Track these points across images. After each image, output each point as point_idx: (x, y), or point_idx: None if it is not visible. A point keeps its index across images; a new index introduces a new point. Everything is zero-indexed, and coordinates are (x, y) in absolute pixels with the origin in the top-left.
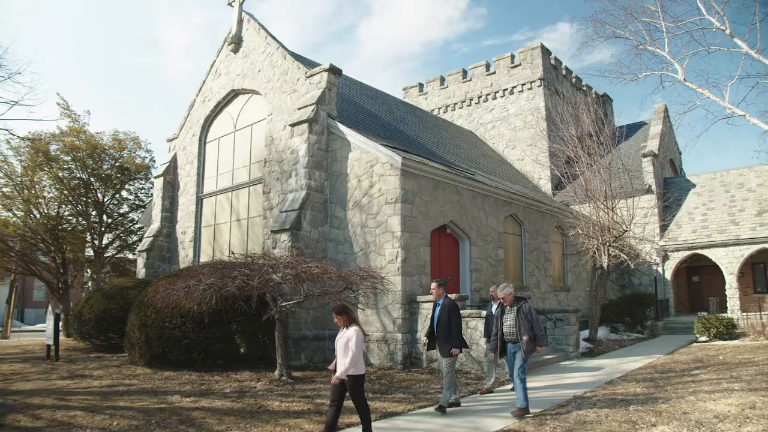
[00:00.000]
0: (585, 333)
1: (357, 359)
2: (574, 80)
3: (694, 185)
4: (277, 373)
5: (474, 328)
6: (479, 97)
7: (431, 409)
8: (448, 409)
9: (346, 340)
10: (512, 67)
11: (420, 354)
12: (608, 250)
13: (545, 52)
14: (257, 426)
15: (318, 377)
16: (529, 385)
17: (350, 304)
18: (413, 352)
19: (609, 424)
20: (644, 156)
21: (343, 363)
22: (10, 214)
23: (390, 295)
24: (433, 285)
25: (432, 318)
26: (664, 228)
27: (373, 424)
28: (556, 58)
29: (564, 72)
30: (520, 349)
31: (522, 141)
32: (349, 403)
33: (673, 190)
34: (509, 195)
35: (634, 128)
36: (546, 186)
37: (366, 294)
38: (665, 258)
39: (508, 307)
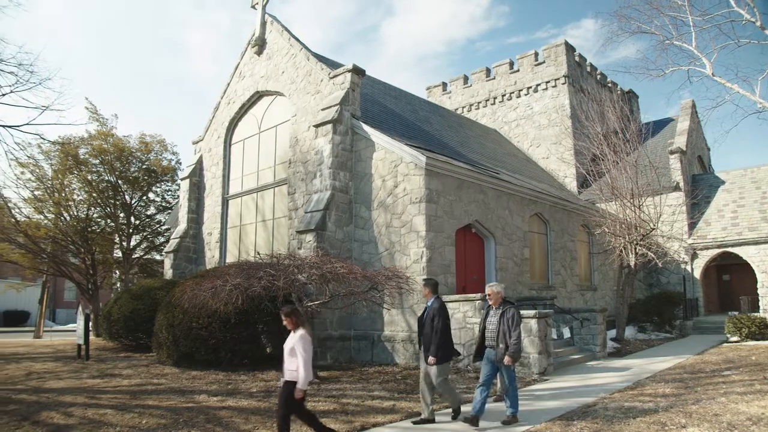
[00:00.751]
0: (612, 333)
1: (303, 365)
2: (598, 77)
3: (723, 182)
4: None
5: None
6: (503, 96)
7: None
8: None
9: (292, 345)
10: (536, 65)
11: None
12: (635, 249)
13: (569, 49)
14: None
15: (344, 377)
16: (555, 385)
17: (297, 309)
18: None
19: (637, 425)
20: (671, 153)
21: (289, 369)
22: (42, 217)
23: (415, 295)
24: (421, 285)
25: (419, 321)
26: (692, 226)
27: (397, 424)
28: (580, 55)
29: (588, 69)
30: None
31: (547, 139)
32: (374, 403)
33: (701, 187)
34: (534, 193)
35: (660, 125)
36: (571, 184)
37: (391, 294)
38: (694, 256)
39: (493, 309)
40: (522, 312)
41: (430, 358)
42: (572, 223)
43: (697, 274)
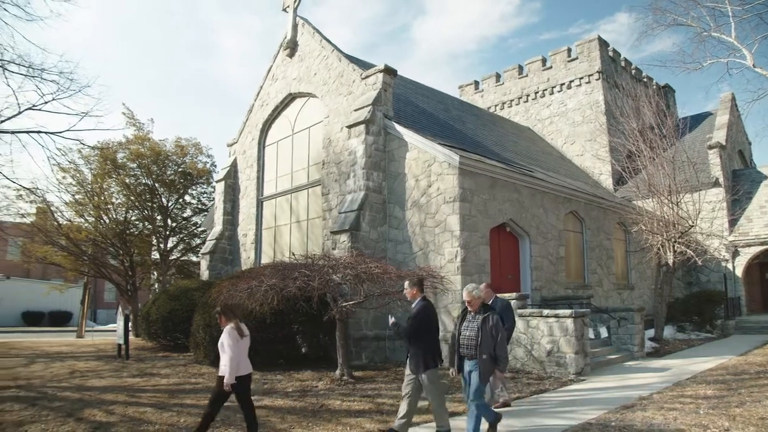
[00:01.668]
0: (650, 332)
1: (228, 360)
2: (633, 72)
3: (765, 177)
4: (338, 372)
5: (536, 327)
6: (536, 93)
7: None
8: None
9: (221, 340)
10: (569, 61)
11: None
12: (674, 247)
13: (603, 44)
14: (319, 425)
15: (379, 377)
16: (592, 385)
17: (227, 307)
18: None
19: (677, 427)
20: (710, 148)
21: (222, 363)
22: (82, 220)
23: (450, 295)
24: (406, 284)
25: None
26: (733, 222)
27: (433, 425)
28: (614, 50)
29: (623, 64)
30: (477, 368)
31: (581, 136)
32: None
33: (742, 182)
34: (569, 191)
35: (698, 119)
36: (607, 182)
37: (426, 294)
38: (735, 254)
39: (471, 314)
40: (558, 311)
41: (407, 369)
42: (608, 220)
43: (739, 272)
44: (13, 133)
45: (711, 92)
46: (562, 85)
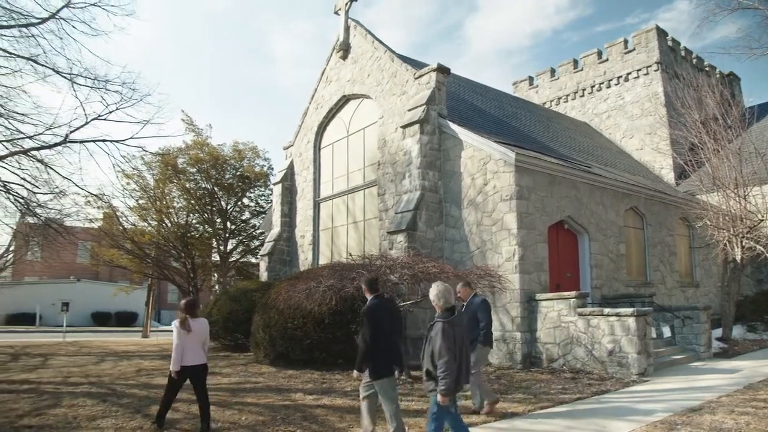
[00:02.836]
0: (717, 332)
1: (176, 349)
2: (694, 61)
3: None
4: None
5: (596, 326)
6: (592, 87)
7: (553, 410)
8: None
9: None
10: (626, 53)
11: (540, 353)
12: (741, 242)
13: (661, 33)
14: (377, 424)
15: None
16: (656, 386)
17: (188, 302)
18: (533, 351)
19: None
20: None
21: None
22: (146, 224)
23: (508, 294)
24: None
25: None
26: None
27: (493, 425)
28: (673, 39)
29: (683, 53)
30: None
31: (640, 129)
32: (467, 403)
33: None
34: (629, 187)
35: (767, 108)
36: (668, 176)
37: (483, 293)
38: None
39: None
40: (619, 310)
41: (354, 372)
42: (670, 216)
43: None
44: (81, 142)
45: None
46: (619, 77)
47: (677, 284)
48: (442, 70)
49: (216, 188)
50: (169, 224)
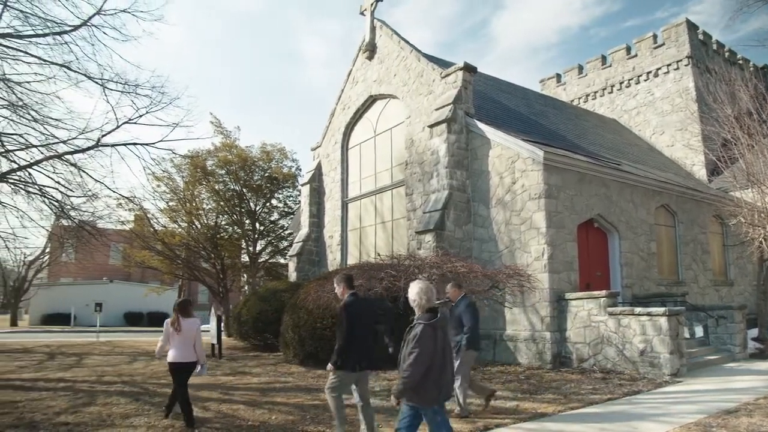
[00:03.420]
0: (753, 332)
1: (157, 347)
2: (727, 54)
3: None
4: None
5: (627, 326)
6: (621, 83)
7: (583, 410)
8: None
9: None
10: (655, 48)
11: (570, 353)
12: None
13: (692, 27)
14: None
15: None
16: (689, 387)
17: (181, 302)
18: (562, 351)
19: None
20: None
21: None
22: (176, 226)
23: (537, 293)
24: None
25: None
26: None
27: (521, 425)
28: (704, 33)
29: (715, 47)
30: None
31: (671, 126)
32: (497, 403)
33: None
34: (659, 184)
35: None
36: (700, 172)
37: (512, 292)
38: None
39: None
40: (650, 309)
41: (328, 365)
42: (703, 213)
43: None
44: (113, 146)
45: None
46: (648, 73)
47: (710, 283)
48: (468, 68)
49: (245, 189)
50: (199, 225)
